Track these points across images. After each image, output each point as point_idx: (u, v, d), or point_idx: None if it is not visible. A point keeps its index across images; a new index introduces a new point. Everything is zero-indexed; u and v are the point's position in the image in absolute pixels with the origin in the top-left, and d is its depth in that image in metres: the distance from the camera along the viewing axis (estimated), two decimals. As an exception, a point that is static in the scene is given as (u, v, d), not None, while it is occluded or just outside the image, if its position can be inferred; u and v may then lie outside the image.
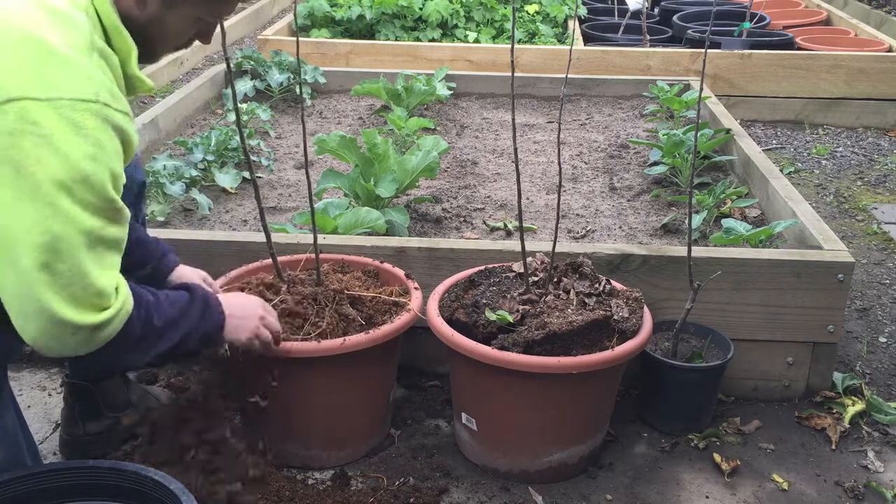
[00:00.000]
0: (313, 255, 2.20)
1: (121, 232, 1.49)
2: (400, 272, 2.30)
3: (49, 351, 1.47)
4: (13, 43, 1.36)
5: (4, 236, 1.37)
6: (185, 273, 2.07)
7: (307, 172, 2.20)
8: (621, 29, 6.00)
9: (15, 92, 1.34)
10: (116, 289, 1.50)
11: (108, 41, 1.51)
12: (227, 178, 3.26)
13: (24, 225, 1.36)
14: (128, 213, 1.50)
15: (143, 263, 1.95)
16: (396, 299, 2.20)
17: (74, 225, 1.39)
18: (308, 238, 2.25)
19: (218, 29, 1.77)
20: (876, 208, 3.93)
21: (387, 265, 2.34)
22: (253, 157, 3.51)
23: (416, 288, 2.23)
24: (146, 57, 1.62)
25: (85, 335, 1.46)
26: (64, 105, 1.35)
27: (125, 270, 1.55)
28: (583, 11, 6.42)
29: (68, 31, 1.41)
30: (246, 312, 1.85)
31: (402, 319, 2.10)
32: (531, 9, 6.18)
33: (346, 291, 2.16)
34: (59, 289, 1.40)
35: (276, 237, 2.40)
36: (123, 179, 1.47)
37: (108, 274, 1.47)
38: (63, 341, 1.45)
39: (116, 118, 1.43)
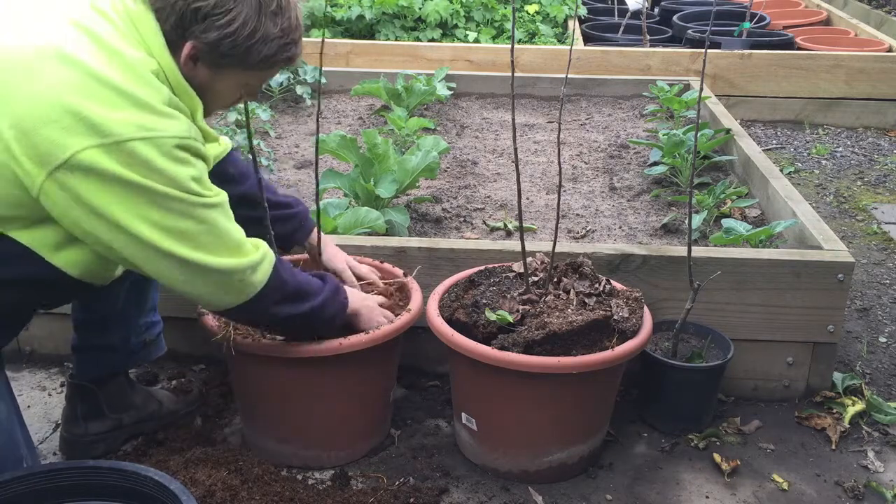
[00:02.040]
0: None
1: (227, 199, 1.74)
2: (399, 272, 2.30)
3: (220, 303, 1.77)
4: (113, 97, 1.53)
5: (158, 242, 1.60)
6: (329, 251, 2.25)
7: (316, 169, 2.20)
8: (621, 29, 6.01)
9: (126, 134, 1.52)
10: (254, 245, 1.77)
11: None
12: (227, 178, 3.25)
13: (172, 222, 1.60)
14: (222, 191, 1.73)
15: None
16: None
17: (203, 206, 1.64)
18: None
19: None
20: (876, 208, 3.93)
21: (387, 265, 2.34)
22: (253, 157, 3.51)
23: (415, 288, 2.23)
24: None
25: (242, 275, 1.73)
26: (165, 142, 1.56)
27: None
28: (583, 11, 6.42)
29: (151, 89, 1.59)
30: (371, 304, 2.09)
31: (402, 320, 2.10)
32: (531, 9, 6.18)
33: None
34: (215, 250, 1.67)
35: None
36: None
37: (237, 227, 1.74)
38: (229, 288, 1.73)
39: (202, 149, 1.67)
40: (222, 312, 1.84)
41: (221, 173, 2.00)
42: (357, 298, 2.05)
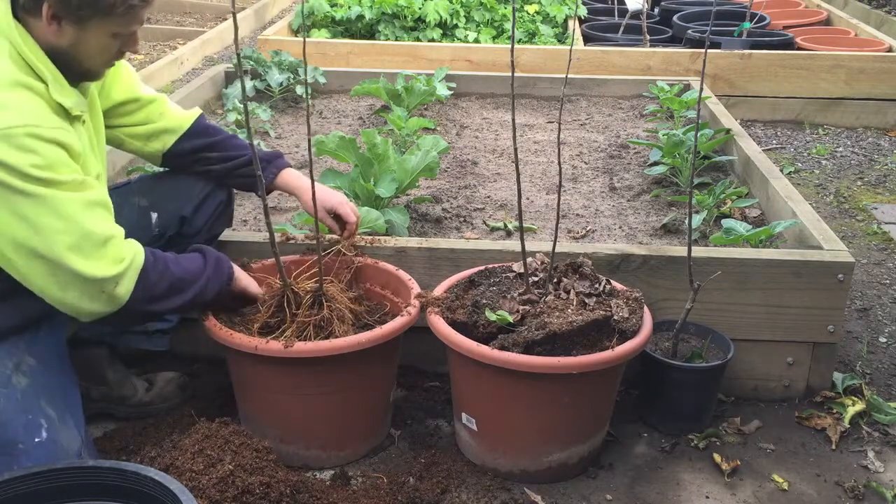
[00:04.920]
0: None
1: (99, 194, 1.81)
2: (405, 276, 2.30)
3: (88, 313, 1.81)
4: None
5: (21, 238, 1.69)
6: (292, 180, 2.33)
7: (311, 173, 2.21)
8: (621, 29, 6.00)
9: None
10: (125, 250, 1.81)
11: (37, 74, 1.77)
12: (227, 178, 3.25)
13: (25, 210, 1.68)
14: (92, 180, 1.80)
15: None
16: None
17: (63, 203, 1.71)
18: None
19: (229, 25, 1.83)
20: (876, 208, 3.93)
21: (384, 264, 2.34)
22: (253, 157, 3.50)
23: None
24: (86, 76, 1.89)
25: (108, 289, 1.78)
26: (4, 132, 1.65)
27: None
28: (583, 11, 6.42)
29: None
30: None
31: (402, 320, 2.10)
32: (531, 9, 6.18)
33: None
34: (77, 253, 1.72)
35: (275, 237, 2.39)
36: (73, 163, 1.77)
37: (105, 226, 1.78)
38: (95, 299, 1.78)
39: (47, 134, 1.70)
40: (99, 321, 1.87)
41: (190, 134, 2.25)
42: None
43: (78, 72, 1.85)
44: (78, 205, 1.73)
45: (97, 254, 1.75)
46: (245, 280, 2.12)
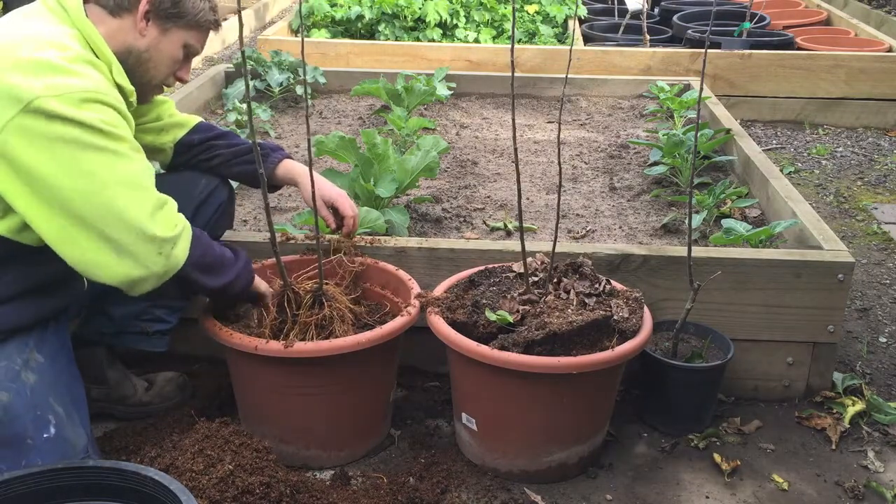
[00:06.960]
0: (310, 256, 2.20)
1: (149, 163, 1.86)
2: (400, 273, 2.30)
3: (140, 280, 1.80)
4: (25, 65, 1.73)
5: (84, 196, 1.71)
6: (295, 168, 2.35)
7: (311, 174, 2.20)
8: (621, 29, 6.01)
9: (30, 96, 1.68)
10: (177, 214, 1.86)
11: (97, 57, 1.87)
12: (227, 178, 3.25)
13: (87, 163, 1.71)
14: (141, 150, 1.86)
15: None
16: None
17: (129, 159, 1.78)
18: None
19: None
20: (876, 208, 3.93)
21: (384, 264, 2.34)
22: (253, 157, 3.51)
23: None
24: (141, 91, 1.99)
25: (166, 250, 1.80)
26: (71, 95, 1.71)
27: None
28: (583, 11, 6.42)
29: (62, 51, 1.78)
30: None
31: (402, 320, 2.10)
32: (531, 9, 6.18)
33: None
34: (142, 210, 1.76)
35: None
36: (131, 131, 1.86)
37: (161, 194, 1.85)
38: (152, 262, 1.79)
39: (111, 101, 1.78)
40: (152, 291, 1.87)
41: (197, 129, 2.32)
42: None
43: (137, 83, 1.95)
44: (141, 164, 1.81)
45: (158, 213, 1.80)
46: (260, 283, 2.14)
